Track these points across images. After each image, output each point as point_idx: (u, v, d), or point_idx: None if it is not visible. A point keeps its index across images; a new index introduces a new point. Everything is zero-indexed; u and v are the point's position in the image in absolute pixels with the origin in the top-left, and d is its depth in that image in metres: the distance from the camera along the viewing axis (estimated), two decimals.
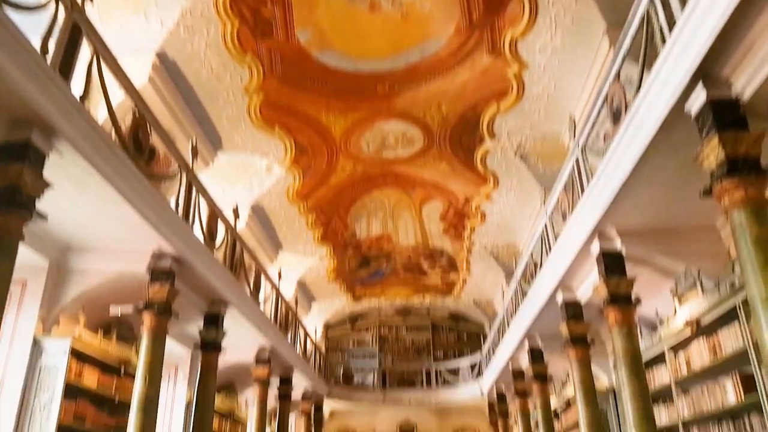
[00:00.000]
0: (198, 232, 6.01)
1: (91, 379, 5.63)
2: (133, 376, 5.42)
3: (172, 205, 5.45)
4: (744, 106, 3.33)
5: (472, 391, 14.10)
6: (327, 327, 17.00)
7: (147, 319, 5.38)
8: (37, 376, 5.10)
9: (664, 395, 5.74)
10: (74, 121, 3.79)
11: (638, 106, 3.92)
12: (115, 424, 5.91)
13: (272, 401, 10.44)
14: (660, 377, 5.77)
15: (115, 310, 5.52)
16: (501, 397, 12.12)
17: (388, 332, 17.12)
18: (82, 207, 4.61)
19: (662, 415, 5.72)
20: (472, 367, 14.44)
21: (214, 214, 6.64)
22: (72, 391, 5.31)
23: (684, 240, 5.13)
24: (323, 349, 15.60)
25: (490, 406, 13.20)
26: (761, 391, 4.22)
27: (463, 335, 16.73)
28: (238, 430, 10.00)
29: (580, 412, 6.53)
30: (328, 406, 15.19)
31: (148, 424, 5.23)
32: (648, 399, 4.99)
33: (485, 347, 13.19)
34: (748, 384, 4.42)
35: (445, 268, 13.92)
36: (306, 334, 12.44)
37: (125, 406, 5.47)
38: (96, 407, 5.74)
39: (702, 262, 5.10)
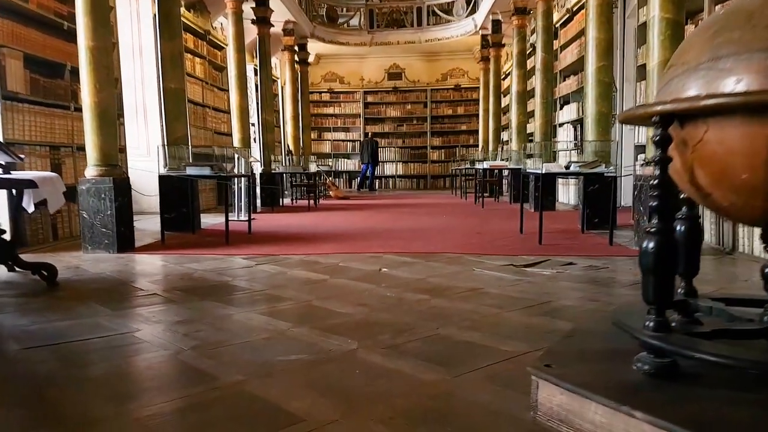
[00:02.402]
0: None
1: None
2: None
3: None
4: None
5: (465, 27, 13.37)
6: None
7: None
8: None
9: None
10: None
11: None
12: (67, 12, 5.22)
13: (251, 35, 9.75)
14: None
15: None
16: (496, 26, 11.42)
17: None
18: None
19: None
20: (468, 1, 13.41)
21: None
22: None
23: None
24: None
25: (483, 39, 12.59)
26: None
27: None
28: (217, 54, 9.53)
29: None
30: (314, 49, 14.64)
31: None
32: None
33: None
34: None
35: None
36: None
37: None
38: None
39: None
